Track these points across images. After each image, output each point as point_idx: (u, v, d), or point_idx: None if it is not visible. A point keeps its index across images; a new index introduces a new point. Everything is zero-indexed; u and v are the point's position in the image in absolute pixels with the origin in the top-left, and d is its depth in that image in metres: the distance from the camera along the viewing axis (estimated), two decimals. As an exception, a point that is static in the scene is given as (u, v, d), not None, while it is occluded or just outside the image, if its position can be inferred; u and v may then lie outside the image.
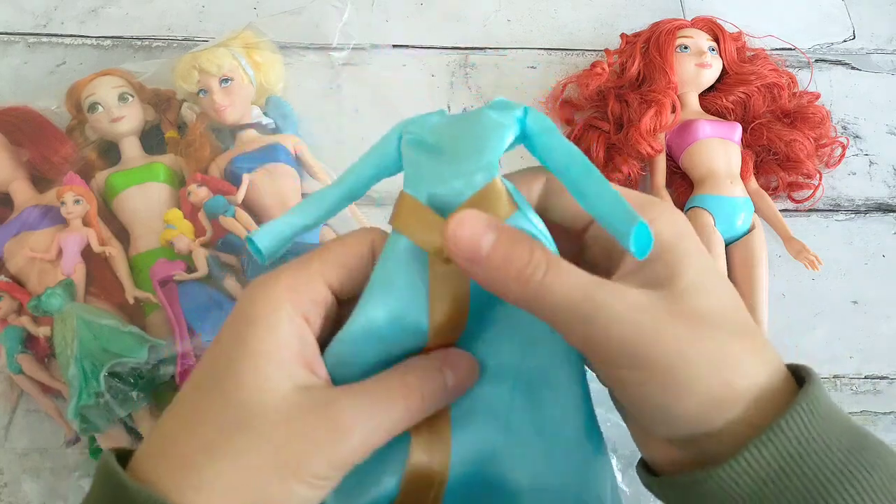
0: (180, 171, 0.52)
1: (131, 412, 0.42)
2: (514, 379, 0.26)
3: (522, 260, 0.22)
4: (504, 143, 0.24)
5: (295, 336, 0.22)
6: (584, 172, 0.23)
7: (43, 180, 0.51)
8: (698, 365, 0.22)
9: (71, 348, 0.42)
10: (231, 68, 0.53)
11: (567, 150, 0.24)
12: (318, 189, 0.25)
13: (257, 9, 0.64)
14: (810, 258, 0.50)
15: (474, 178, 0.23)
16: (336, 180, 0.26)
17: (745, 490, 0.21)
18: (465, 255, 0.22)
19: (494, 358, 0.26)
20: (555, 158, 0.24)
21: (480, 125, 0.24)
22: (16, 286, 0.46)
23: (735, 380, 0.22)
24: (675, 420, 0.22)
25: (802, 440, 0.21)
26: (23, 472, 0.44)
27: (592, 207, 0.23)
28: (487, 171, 0.23)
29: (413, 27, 0.64)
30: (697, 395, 0.22)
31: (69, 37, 0.62)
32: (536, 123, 0.24)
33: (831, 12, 0.67)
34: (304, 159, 0.53)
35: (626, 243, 0.21)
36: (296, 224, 0.26)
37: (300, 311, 0.23)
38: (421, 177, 0.24)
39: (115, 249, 0.48)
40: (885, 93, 0.62)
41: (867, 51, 0.64)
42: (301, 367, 0.22)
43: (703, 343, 0.22)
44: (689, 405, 0.22)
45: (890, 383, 0.49)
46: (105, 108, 0.52)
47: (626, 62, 0.58)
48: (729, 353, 0.22)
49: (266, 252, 0.25)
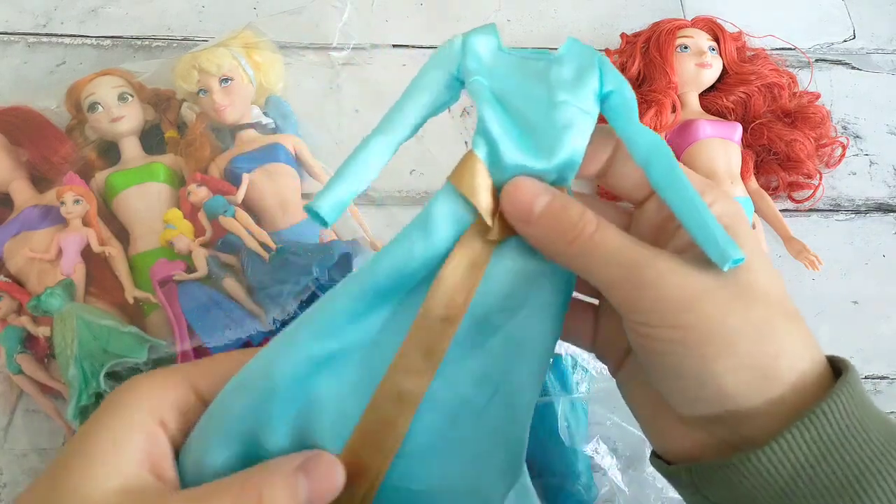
0: (180, 171, 0.52)
1: (131, 412, 0.42)
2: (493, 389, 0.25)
3: (573, 219, 0.23)
4: (586, 141, 0.24)
5: (141, 440, 0.22)
6: (668, 169, 0.23)
7: (43, 180, 0.51)
8: (742, 333, 0.21)
9: (71, 348, 0.42)
10: (231, 68, 0.53)
11: (650, 142, 0.23)
12: (360, 143, 0.25)
13: (257, 9, 0.64)
14: (811, 258, 0.50)
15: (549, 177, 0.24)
16: (380, 128, 0.25)
17: (781, 476, 0.21)
18: (519, 213, 0.23)
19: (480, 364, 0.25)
20: (637, 144, 0.24)
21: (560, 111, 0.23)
22: (15, 286, 0.46)
23: (778, 356, 0.22)
24: (711, 390, 0.22)
25: (843, 426, 0.21)
26: (22, 472, 0.44)
27: (677, 209, 0.23)
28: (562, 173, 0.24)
29: (413, 27, 0.64)
30: (738, 365, 0.21)
31: (69, 37, 0.61)
32: (618, 101, 0.24)
33: (831, 12, 0.67)
34: (303, 159, 0.53)
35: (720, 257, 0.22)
36: (351, 184, 0.25)
37: (156, 416, 0.23)
38: (492, 140, 0.23)
39: (115, 249, 0.48)
40: (886, 93, 0.62)
41: (867, 51, 0.64)
42: (141, 470, 0.22)
43: (749, 313, 0.22)
44: (728, 374, 0.21)
45: (890, 383, 0.49)
46: (105, 107, 0.51)
47: (626, 62, 0.58)
48: (774, 329, 0.22)
49: (329, 219, 0.25)
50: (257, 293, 0.46)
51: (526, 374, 0.25)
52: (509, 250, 0.25)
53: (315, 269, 0.44)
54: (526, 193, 0.23)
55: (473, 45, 0.25)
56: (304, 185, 0.52)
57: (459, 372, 0.25)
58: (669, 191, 0.23)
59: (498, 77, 0.24)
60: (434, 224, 0.24)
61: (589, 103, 0.24)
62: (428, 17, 0.64)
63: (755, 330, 0.22)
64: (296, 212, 0.50)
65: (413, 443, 0.25)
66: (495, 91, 0.24)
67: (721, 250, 0.21)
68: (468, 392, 0.25)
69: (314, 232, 0.49)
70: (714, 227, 0.22)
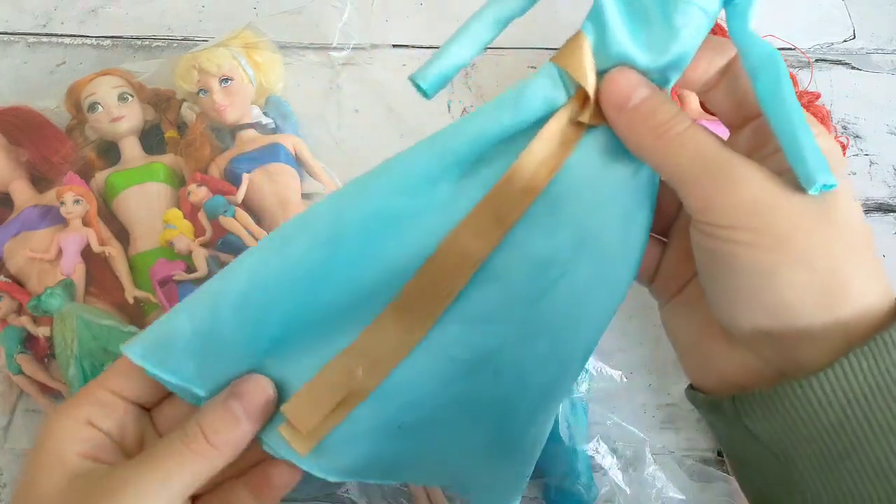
0: (180, 171, 0.52)
1: (131, 412, 0.42)
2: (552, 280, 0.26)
3: (667, 115, 0.23)
4: (698, 44, 0.23)
5: (74, 442, 0.25)
6: (776, 81, 0.23)
7: (43, 180, 0.51)
8: (816, 249, 0.21)
9: (71, 348, 0.42)
10: (231, 68, 0.53)
11: (766, 52, 0.23)
12: (471, 16, 0.26)
13: (257, 8, 0.63)
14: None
15: (652, 75, 0.24)
16: (492, 1, 0.26)
17: (832, 407, 0.20)
18: (616, 100, 0.23)
19: (548, 241, 0.26)
20: (751, 51, 0.23)
21: (681, 7, 0.23)
22: (15, 286, 0.46)
23: (847, 281, 0.21)
24: (771, 298, 0.21)
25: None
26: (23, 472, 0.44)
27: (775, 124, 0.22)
28: (665, 73, 0.24)
29: (413, 27, 0.63)
30: (805, 279, 0.21)
31: (69, 37, 0.61)
32: (744, 4, 0.23)
33: (831, 12, 0.67)
34: (303, 159, 0.53)
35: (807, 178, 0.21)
36: (455, 57, 0.26)
37: (82, 418, 0.25)
38: (604, 26, 0.23)
39: (115, 249, 0.48)
40: (886, 93, 0.62)
41: (867, 51, 0.64)
42: (82, 461, 0.24)
43: (828, 233, 0.21)
44: (794, 285, 0.21)
45: (890, 383, 0.49)
46: (105, 107, 0.51)
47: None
48: (849, 255, 0.21)
49: (430, 91, 0.26)
50: (257, 293, 0.46)
51: (592, 276, 0.25)
52: (597, 142, 0.25)
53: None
54: (629, 82, 0.23)
55: None
56: (305, 185, 0.52)
57: (524, 248, 0.25)
58: (772, 103, 0.23)
59: None
60: (526, 100, 0.24)
61: (713, 2, 0.23)
62: (428, 17, 0.64)
63: (830, 250, 0.21)
64: (296, 212, 0.50)
65: (462, 308, 0.25)
66: None
67: (811, 171, 0.21)
68: (527, 273, 0.25)
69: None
70: (810, 146, 0.21)
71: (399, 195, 0.25)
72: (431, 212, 0.25)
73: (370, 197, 0.25)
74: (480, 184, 0.25)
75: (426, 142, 0.25)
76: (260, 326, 0.25)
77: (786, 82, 0.23)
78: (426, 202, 0.25)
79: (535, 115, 0.24)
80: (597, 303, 0.26)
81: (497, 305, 0.26)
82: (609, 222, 0.25)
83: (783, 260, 0.21)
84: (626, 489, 0.43)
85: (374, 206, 0.25)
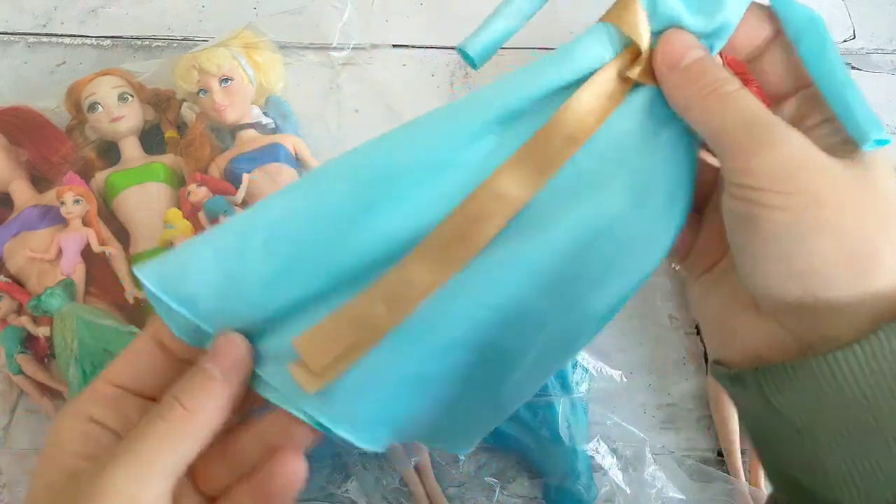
0: (180, 171, 0.52)
1: (131, 412, 0.42)
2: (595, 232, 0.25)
3: (717, 75, 0.23)
4: (743, 10, 0.24)
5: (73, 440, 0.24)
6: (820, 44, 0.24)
7: (43, 180, 0.51)
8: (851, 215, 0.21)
9: (71, 348, 0.42)
10: (231, 68, 0.53)
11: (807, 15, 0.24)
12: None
13: (257, 8, 0.64)
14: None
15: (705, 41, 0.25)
16: None
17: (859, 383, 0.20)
18: (670, 59, 0.24)
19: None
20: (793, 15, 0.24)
21: None
22: (15, 286, 0.46)
23: (881, 251, 0.21)
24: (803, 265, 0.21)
25: None
26: (23, 472, 0.44)
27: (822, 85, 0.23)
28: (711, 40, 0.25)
29: (413, 27, 0.64)
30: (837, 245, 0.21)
31: (69, 37, 0.61)
32: None
33: (831, 12, 0.67)
34: (303, 159, 0.53)
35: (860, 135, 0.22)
36: (502, 26, 0.27)
37: (84, 416, 0.25)
38: None
39: (115, 249, 0.48)
40: (886, 93, 0.62)
41: (867, 51, 0.64)
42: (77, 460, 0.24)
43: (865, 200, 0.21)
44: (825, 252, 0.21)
45: (890, 383, 0.49)
46: (105, 107, 0.51)
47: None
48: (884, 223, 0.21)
49: (479, 59, 0.26)
50: (257, 293, 0.46)
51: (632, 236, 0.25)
52: (642, 102, 0.25)
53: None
54: (683, 42, 0.24)
55: None
56: (305, 185, 0.52)
57: (565, 198, 0.25)
58: (818, 65, 0.23)
59: None
60: (574, 57, 0.25)
61: None
62: (428, 17, 0.64)
63: (862, 218, 0.21)
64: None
65: (495, 253, 0.25)
66: None
67: (864, 126, 0.21)
68: (567, 223, 0.25)
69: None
70: (860, 103, 0.22)
71: (441, 148, 0.25)
72: (471, 165, 0.25)
73: (412, 146, 0.25)
74: (522, 137, 0.25)
75: (471, 97, 0.25)
76: (287, 262, 0.24)
77: (830, 44, 0.23)
78: (467, 156, 0.25)
79: (582, 73, 0.25)
80: (630, 265, 0.26)
81: (532, 253, 0.25)
82: (653, 184, 0.25)
83: (816, 225, 0.21)
84: (626, 489, 0.44)
85: (415, 156, 0.24)
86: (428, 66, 0.61)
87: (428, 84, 0.60)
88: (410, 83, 0.60)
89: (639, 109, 0.25)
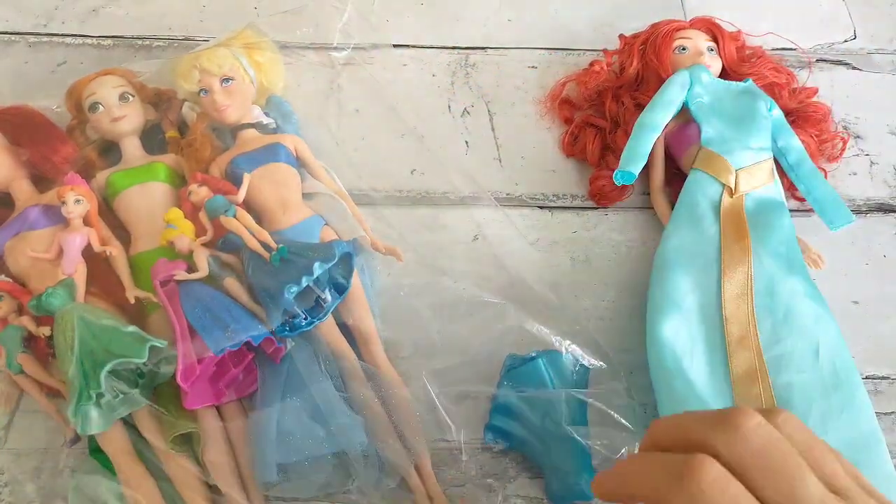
0: (181, 171, 0.52)
1: (131, 412, 0.42)
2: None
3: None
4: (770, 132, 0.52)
5: None
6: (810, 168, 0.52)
7: (43, 180, 0.51)
8: None
9: (71, 348, 0.42)
10: (232, 68, 0.53)
11: (800, 149, 0.53)
12: (636, 130, 0.51)
13: (258, 8, 0.64)
14: (813, 257, 0.50)
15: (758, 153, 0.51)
16: (651, 107, 0.53)
17: None
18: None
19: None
20: (792, 150, 0.52)
21: (754, 112, 0.52)
22: (16, 286, 0.46)
23: None
24: None
25: None
26: (23, 472, 0.44)
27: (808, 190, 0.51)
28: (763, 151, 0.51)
29: (413, 27, 0.64)
30: None
31: (70, 36, 0.62)
32: (778, 115, 0.53)
33: (832, 12, 0.67)
34: (304, 159, 0.53)
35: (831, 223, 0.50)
36: (646, 148, 0.51)
37: None
38: (715, 134, 0.52)
39: (116, 249, 0.48)
40: (886, 93, 0.62)
41: (868, 51, 0.64)
42: None
43: None
44: None
45: (891, 383, 0.49)
46: (106, 107, 0.52)
47: (624, 63, 0.58)
48: None
49: (636, 175, 0.50)
50: (258, 293, 0.46)
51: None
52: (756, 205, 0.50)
53: (316, 268, 0.44)
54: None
55: (698, 74, 0.53)
56: (305, 185, 0.52)
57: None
58: (807, 180, 0.51)
59: (713, 92, 0.53)
60: (699, 208, 0.49)
61: (767, 108, 0.53)
62: (428, 17, 0.64)
63: None
64: (296, 211, 0.50)
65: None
66: (710, 99, 0.53)
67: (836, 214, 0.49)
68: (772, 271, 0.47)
69: (315, 231, 0.49)
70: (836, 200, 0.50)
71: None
72: (700, 309, 0.47)
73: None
74: (709, 270, 0.47)
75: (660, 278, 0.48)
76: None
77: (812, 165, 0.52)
78: (691, 303, 0.47)
79: (707, 210, 0.50)
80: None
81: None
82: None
83: None
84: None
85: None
86: (428, 66, 0.61)
87: (428, 84, 0.60)
88: (410, 83, 0.60)
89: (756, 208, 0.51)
